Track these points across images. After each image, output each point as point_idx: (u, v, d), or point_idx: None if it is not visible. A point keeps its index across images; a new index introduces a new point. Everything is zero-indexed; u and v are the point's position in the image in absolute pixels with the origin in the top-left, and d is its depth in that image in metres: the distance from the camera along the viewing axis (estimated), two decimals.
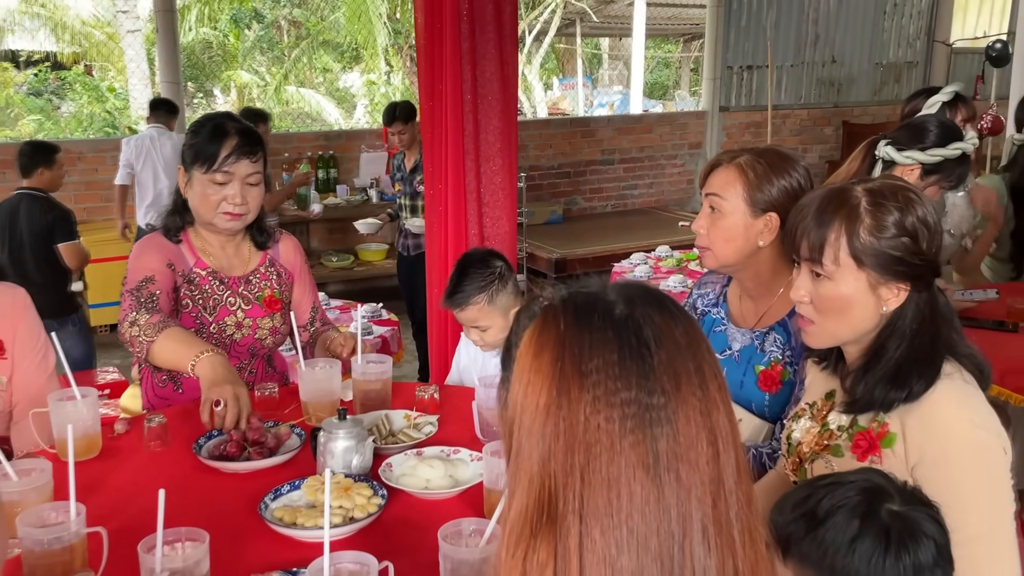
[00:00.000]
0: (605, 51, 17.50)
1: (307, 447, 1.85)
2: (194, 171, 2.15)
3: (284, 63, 14.21)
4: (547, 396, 0.78)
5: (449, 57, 3.04)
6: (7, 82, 13.55)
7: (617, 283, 0.86)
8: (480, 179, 3.17)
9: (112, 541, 1.44)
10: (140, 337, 2.03)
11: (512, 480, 0.81)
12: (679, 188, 8.94)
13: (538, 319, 0.83)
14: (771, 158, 1.83)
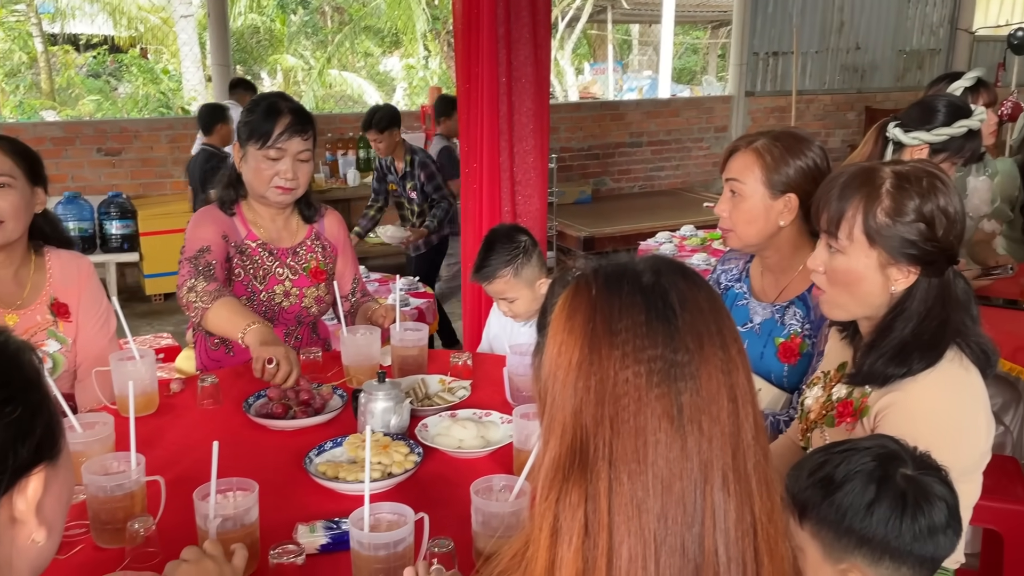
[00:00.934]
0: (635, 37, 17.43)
1: (348, 407, 1.96)
2: (249, 147, 2.26)
3: (327, 47, 14.37)
4: (579, 354, 0.84)
5: (486, 41, 3.12)
6: (69, 64, 13.85)
7: (644, 256, 0.92)
8: (513, 159, 3.25)
9: (169, 489, 1.55)
10: (197, 303, 2.14)
11: (546, 431, 0.87)
12: (704, 170, 8.97)
13: (571, 286, 0.90)
14: (787, 140, 1.88)
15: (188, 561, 1.21)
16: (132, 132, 6.99)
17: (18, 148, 2.01)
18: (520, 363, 2.01)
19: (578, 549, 0.81)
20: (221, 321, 2.13)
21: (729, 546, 0.81)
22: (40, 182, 2.05)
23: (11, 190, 1.95)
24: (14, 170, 1.96)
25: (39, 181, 2.04)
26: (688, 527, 0.81)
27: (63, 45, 13.95)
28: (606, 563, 0.80)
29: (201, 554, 1.22)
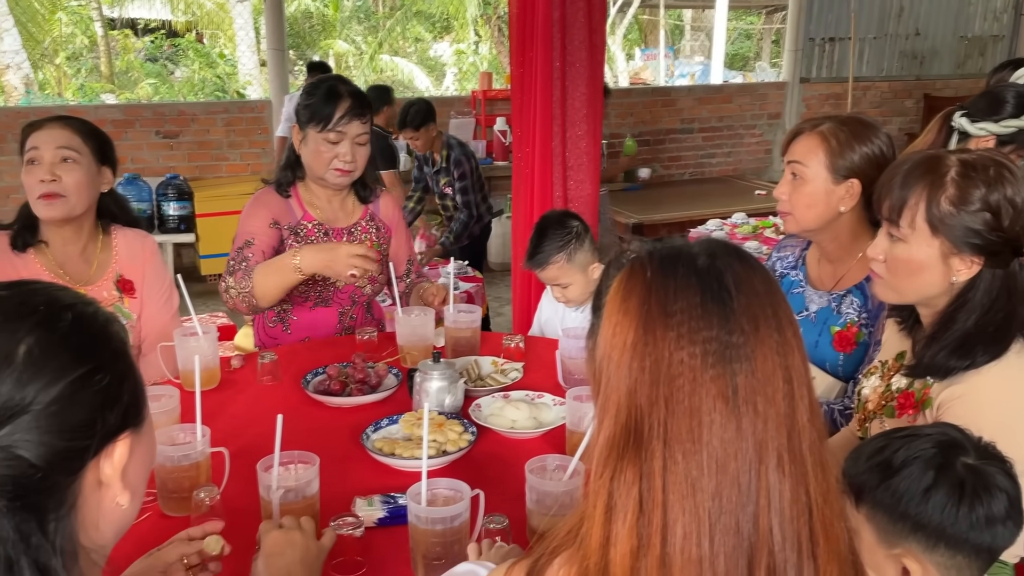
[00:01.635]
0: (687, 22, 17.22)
1: (403, 386, 2.00)
2: (309, 130, 2.30)
3: (379, 33, 14.45)
4: (634, 335, 0.84)
5: (540, 25, 3.12)
6: (128, 48, 14.17)
7: (698, 239, 0.92)
8: (566, 144, 3.25)
9: (231, 461, 1.60)
10: (241, 294, 2.23)
11: (600, 411, 0.88)
12: (757, 157, 8.86)
13: (625, 269, 0.90)
14: (853, 126, 1.86)
15: (280, 529, 1.26)
16: (189, 115, 7.14)
17: (88, 128, 2.08)
18: (572, 346, 2.02)
19: (632, 526, 0.82)
20: (271, 283, 2.21)
21: (784, 525, 0.82)
22: (108, 162, 2.11)
23: (76, 166, 2.01)
24: (81, 147, 2.03)
25: (107, 161, 2.11)
26: (743, 506, 0.81)
27: (123, 30, 14.25)
28: (660, 540, 0.81)
29: (296, 525, 1.27)
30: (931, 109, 8.68)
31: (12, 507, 0.75)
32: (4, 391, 0.76)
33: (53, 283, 0.89)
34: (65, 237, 2.09)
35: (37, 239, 2.08)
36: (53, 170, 1.98)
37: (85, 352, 0.82)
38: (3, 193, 6.94)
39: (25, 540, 0.75)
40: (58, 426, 0.78)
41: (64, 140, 2.01)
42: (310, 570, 1.24)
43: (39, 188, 1.99)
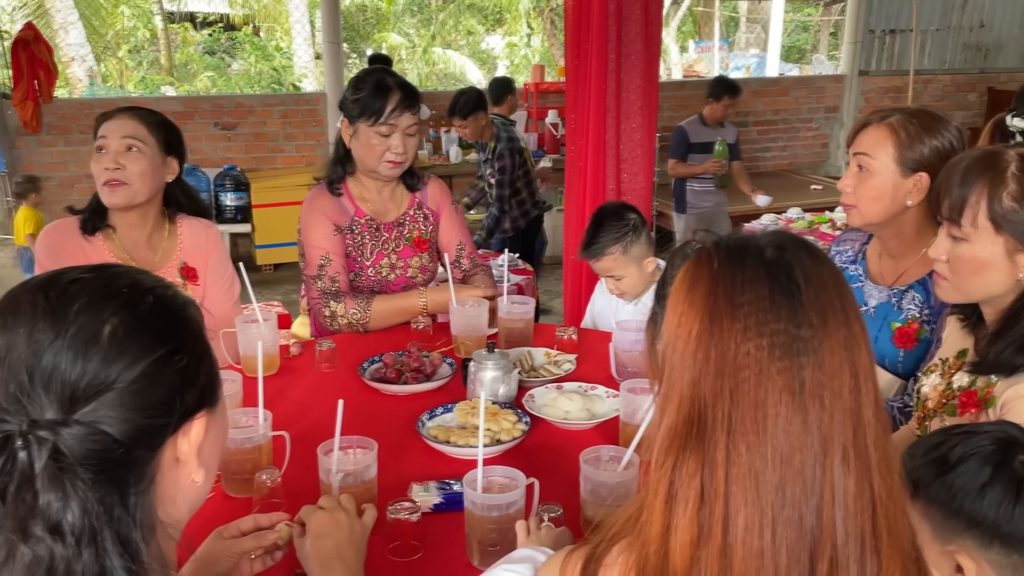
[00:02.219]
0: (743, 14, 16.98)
1: (458, 375, 2.03)
2: (360, 124, 2.33)
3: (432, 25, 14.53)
4: (700, 326, 0.85)
5: (595, 17, 3.12)
6: (188, 41, 14.47)
7: (766, 231, 0.92)
8: (620, 136, 3.25)
9: (291, 444, 1.64)
10: (352, 325, 2.35)
11: (663, 400, 0.88)
12: (813, 152, 8.72)
13: (692, 259, 0.90)
14: (923, 118, 1.81)
15: (324, 509, 1.28)
16: (247, 108, 7.27)
17: (156, 119, 2.14)
18: (626, 339, 2.03)
19: (693, 516, 0.82)
20: (390, 320, 2.38)
21: (847, 520, 0.82)
22: (174, 152, 2.17)
23: (140, 155, 2.07)
24: (147, 137, 2.09)
25: (173, 152, 2.16)
26: (806, 500, 0.81)
27: (182, 23, 14.55)
28: (721, 530, 0.81)
29: (336, 504, 1.29)
30: (995, 103, 8.46)
31: (97, 480, 0.78)
32: (90, 369, 0.80)
33: (134, 267, 0.92)
34: (131, 223, 2.16)
35: (105, 224, 2.14)
36: (117, 159, 2.05)
37: (165, 333, 0.86)
38: (68, 182, 7.15)
39: (108, 512, 0.78)
40: (140, 404, 0.82)
41: (130, 130, 2.07)
42: (356, 548, 1.26)
43: (104, 175, 2.06)
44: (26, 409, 0.78)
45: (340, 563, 1.22)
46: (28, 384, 0.79)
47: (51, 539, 0.75)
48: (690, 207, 5.36)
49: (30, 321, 0.81)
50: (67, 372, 0.79)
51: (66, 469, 0.77)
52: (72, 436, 0.78)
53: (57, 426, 0.78)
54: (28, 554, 0.75)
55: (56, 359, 0.79)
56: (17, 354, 0.80)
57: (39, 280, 0.86)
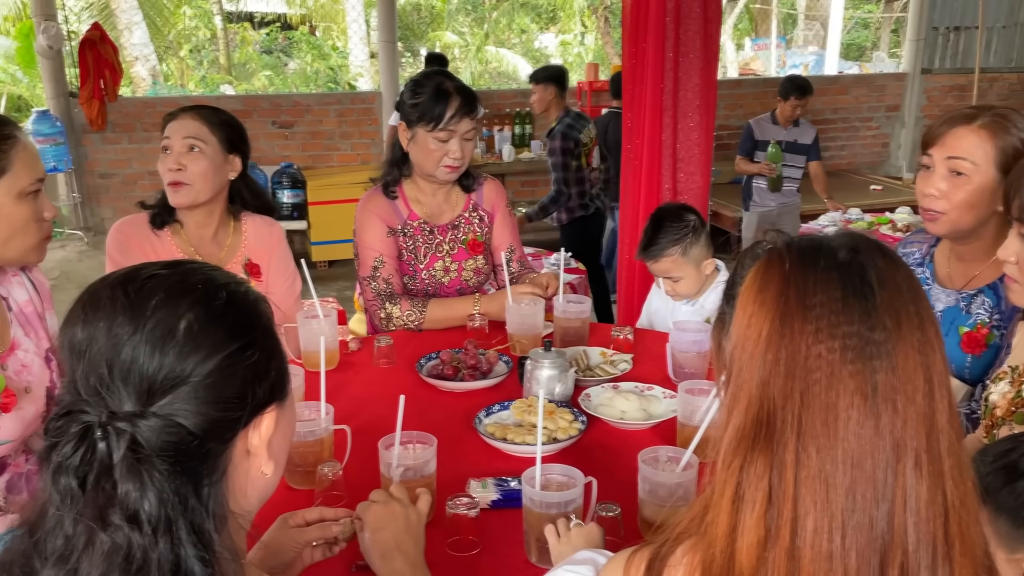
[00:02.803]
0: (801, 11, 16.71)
1: (514, 373, 2.03)
2: (418, 128, 2.35)
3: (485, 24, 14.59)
4: (770, 327, 0.84)
5: (653, 15, 3.10)
6: (247, 41, 14.76)
7: (839, 232, 0.91)
8: (676, 135, 3.22)
9: (352, 438, 1.67)
10: (407, 325, 2.38)
11: (730, 401, 0.88)
12: (873, 151, 8.55)
13: (762, 259, 0.89)
14: (1015, 118, 1.72)
15: (377, 502, 1.30)
16: (304, 106, 7.39)
17: (219, 118, 2.18)
18: (683, 340, 2.01)
19: (760, 517, 0.82)
20: (444, 323, 2.40)
21: (919, 526, 0.81)
22: (237, 151, 2.20)
23: (201, 155, 2.11)
24: (208, 137, 2.13)
25: (235, 150, 2.20)
26: (877, 505, 0.80)
27: (241, 23, 14.83)
28: (790, 532, 0.81)
29: (389, 497, 1.31)
30: None
31: (173, 471, 0.80)
32: (167, 363, 0.82)
33: (207, 263, 0.95)
34: (197, 220, 2.21)
35: (173, 219, 2.20)
36: (179, 159, 2.10)
37: (238, 329, 0.88)
38: (131, 179, 7.34)
39: (183, 502, 0.81)
40: (214, 397, 0.84)
41: (192, 130, 2.11)
42: (414, 537, 1.28)
43: (167, 176, 2.11)
44: (105, 401, 0.81)
45: (399, 554, 1.24)
46: (107, 377, 0.81)
47: (129, 528, 0.78)
48: (753, 205, 5.30)
49: (110, 316, 0.84)
50: (145, 366, 0.81)
51: (143, 460, 0.79)
52: (149, 428, 0.80)
53: (135, 418, 0.80)
54: (107, 542, 0.78)
55: (134, 353, 0.82)
56: (97, 347, 0.82)
57: (118, 276, 0.88)
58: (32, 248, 1.52)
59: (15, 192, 1.45)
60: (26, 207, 1.47)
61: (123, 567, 0.78)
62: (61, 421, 0.81)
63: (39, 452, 0.83)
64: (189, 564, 0.80)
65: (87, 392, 0.82)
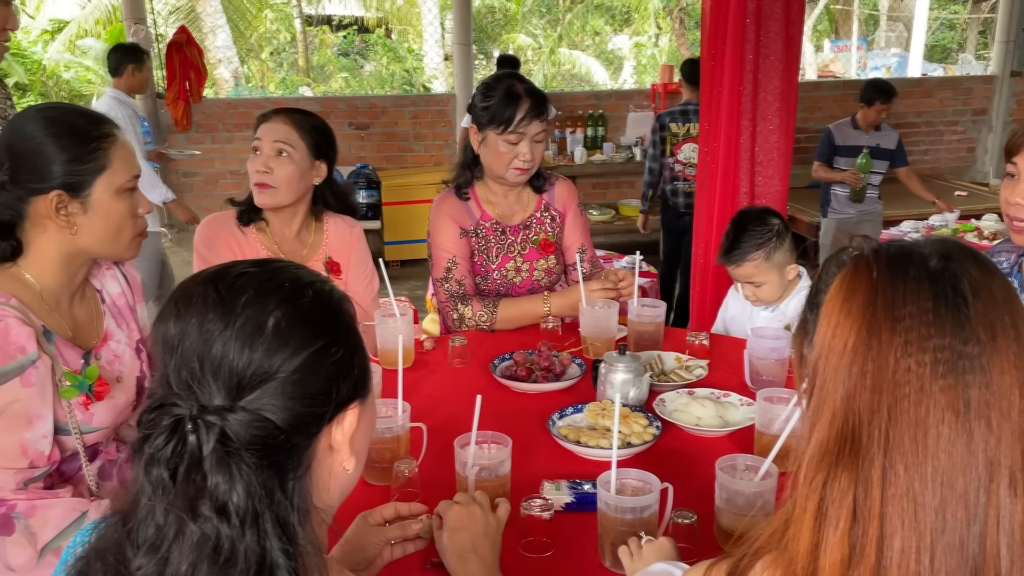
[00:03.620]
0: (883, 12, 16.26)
1: (587, 376, 2.03)
2: (489, 131, 2.37)
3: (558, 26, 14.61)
4: (856, 338, 0.81)
5: (733, 17, 3.06)
6: (325, 44, 15.08)
7: (931, 239, 0.87)
8: (755, 138, 3.17)
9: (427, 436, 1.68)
10: (479, 326, 2.40)
11: (814, 413, 0.85)
12: (958, 156, 8.27)
13: (849, 266, 0.87)
14: None
15: (459, 504, 1.31)
16: (379, 108, 7.50)
17: (309, 123, 2.22)
18: (761, 346, 1.98)
19: (845, 534, 0.79)
20: (515, 322, 2.42)
21: (1013, 548, 0.77)
22: (323, 156, 2.24)
23: (289, 160, 2.16)
24: (297, 142, 2.17)
25: (322, 156, 2.24)
26: (968, 525, 0.77)
27: (320, 26, 15.14)
28: (875, 551, 0.78)
29: (471, 500, 1.32)
30: None
31: (260, 465, 0.82)
32: (256, 359, 0.84)
33: (293, 262, 0.97)
34: (282, 220, 2.26)
35: (259, 217, 2.25)
36: (268, 162, 2.15)
37: (324, 326, 0.89)
38: (213, 178, 7.56)
39: (269, 496, 0.83)
40: (300, 393, 0.86)
41: (282, 135, 2.16)
42: (492, 542, 1.28)
43: (255, 176, 2.16)
44: (196, 395, 0.83)
45: (475, 556, 1.24)
46: (199, 371, 0.83)
47: (218, 519, 0.80)
48: (831, 212, 5.14)
49: (201, 312, 0.86)
50: (234, 361, 0.83)
51: (232, 453, 0.81)
52: (238, 422, 0.82)
53: (224, 412, 0.82)
54: (196, 532, 0.80)
55: (225, 348, 0.84)
56: (189, 343, 0.85)
57: (209, 273, 0.91)
58: (128, 243, 1.57)
59: (113, 188, 1.50)
60: (123, 203, 1.53)
61: (211, 558, 0.80)
62: (154, 414, 0.84)
63: (132, 443, 0.86)
64: (274, 556, 0.82)
65: (179, 386, 0.84)
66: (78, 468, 1.53)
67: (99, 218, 1.50)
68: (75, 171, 1.46)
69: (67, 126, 1.48)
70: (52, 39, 12.45)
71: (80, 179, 1.47)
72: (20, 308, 1.43)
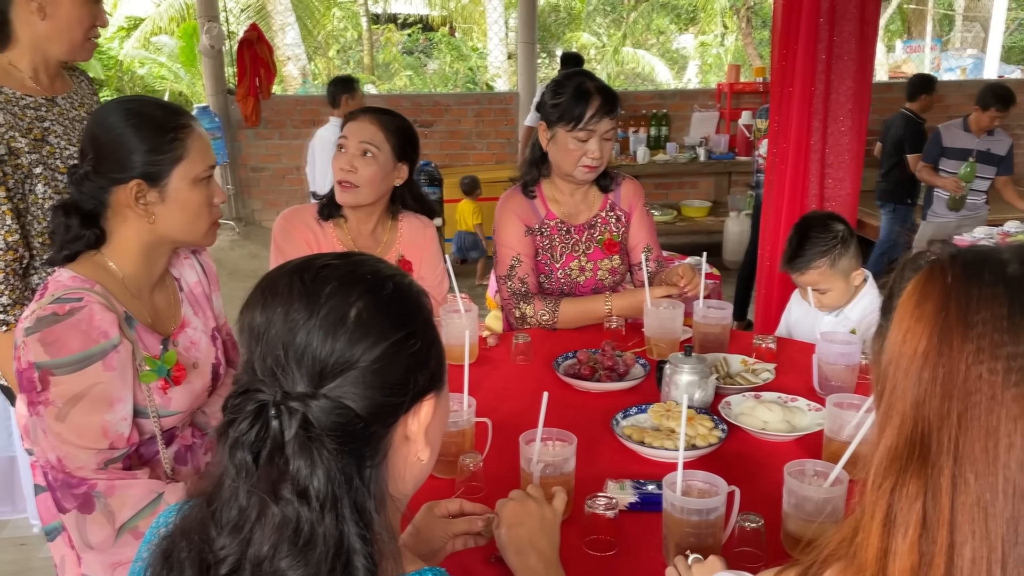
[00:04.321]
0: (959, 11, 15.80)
1: (651, 377, 2.02)
2: (558, 128, 2.37)
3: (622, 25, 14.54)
4: (927, 343, 0.80)
5: (807, 14, 3.01)
6: (391, 42, 15.28)
7: (1011, 244, 0.86)
8: (826, 140, 3.11)
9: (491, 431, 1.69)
10: (541, 324, 2.42)
11: (882, 419, 0.84)
12: None
13: (924, 271, 0.85)
14: None
15: (514, 500, 1.32)
16: (443, 106, 7.56)
17: (396, 125, 2.25)
18: (831, 351, 1.94)
19: (914, 543, 0.78)
20: (577, 321, 2.43)
21: None
22: (406, 159, 2.27)
23: (373, 160, 2.19)
24: (382, 144, 2.20)
25: (405, 158, 2.27)
26: None
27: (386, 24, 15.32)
28: (945, 561, 0.77)
29: (525, 495, 1.33)
30: None
31: (340, 451, 0.84)
32: (338, 348, 0.86)
33: (374, 256, 0.99)
34: (359, 217, 2.30)
35: (339, 213, 2.30)
36: (352, 161, 2.18)
37: (403, 318, 0.91)
38: (280, 174, 7.71)
39: (348, 482, 0.84)
40: (379, 382, 0.87)
41: (368, 135, 2.19)
42: (549, 535, 1.28)
43: (339, 175, 2.20)
44: (280, 382, 0.85)
45: (534, 551, 1.25)
46: (283, 359, 0.86)
47: (299, 502, 0.82)
48: (931, 215, 4.99)
49: (287, 301, 0.88)
50: (318, 350, 0.86)
51: (314, 439, 0.83)
52: (320, 408, 0.84)
53: (307, 399, 0.84)
54: (278, 514, 0.82)
55: (308, 337, 0.86)
56: (275, 331, 0.87)
57: (294, 264, 0.93)
58: (204, 232, 1.62)
59: (190, 178, 1.55)
60: (200, 192, 1.57)
61: (292, 540, 0.82)
62: (239, 399, 0.86)
63: (216, 427, 0.88)
64: (351, 541, 0.83)
65: (263, 373, 0.87)
66: (155, 451, 1.58)
67: (176, 207, 1.55)
68: (154, 161, 1.51)
69: (147, 118, 1.52)
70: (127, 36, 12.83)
71: (158, 169, 1.51)
72: (104, 294, 1.48)
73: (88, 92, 2.16)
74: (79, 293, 1.45)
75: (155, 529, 0.99)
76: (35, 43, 1.96)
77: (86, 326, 1.42)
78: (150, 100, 1.61)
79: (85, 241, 1.53)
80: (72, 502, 1.44)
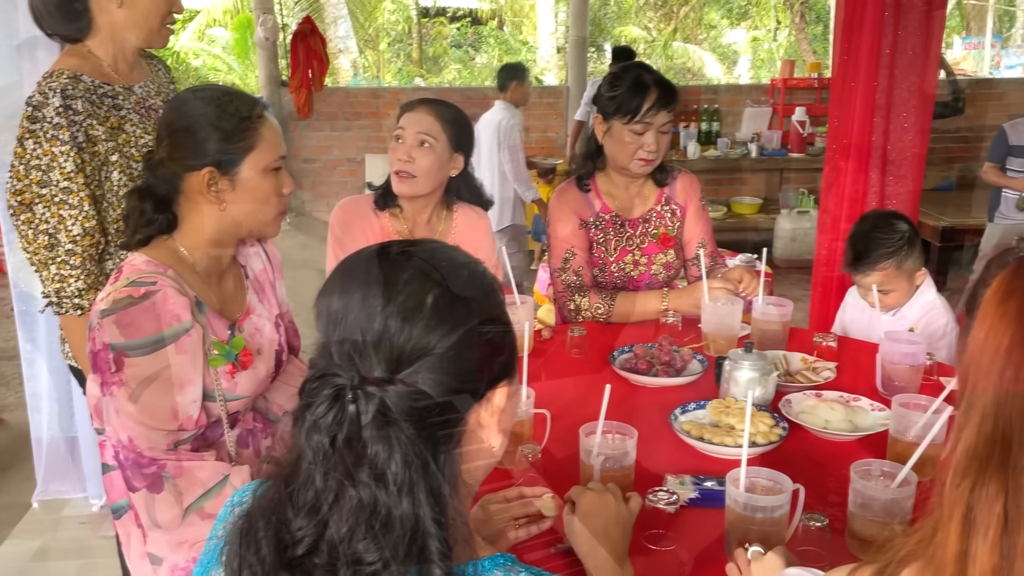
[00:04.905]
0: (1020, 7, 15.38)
1: (709, 372, 2.00)
2: (614, 121, 2.36)
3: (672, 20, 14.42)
4: (1010, 341, 0.79)
5: (870, 9, 2.95)
6: (441, 35, 15.33)
7: None
8: (888, 136, 3.05)
9: None
10: (595, 318, 2.41)
11: (962, 417, 0.83)
12: None
13: (1010, 268, 0.84)
14: None
15: (593, 490, 1.32)
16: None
17: (451, 116, 2.25)
18: (895, 351, 1.91)
19: (995, 544, 0.77)
20: (631, 316, 2.41)
21: None
22: (461, 149, 2.28)
23: (430, 151, 2.20)
24: (439, 134, 2.21)
25: (460, 148, 2.28)
26: None
27: (436, 18, 15.38)
28: None
29: (604, 489, 1.33)
30: None
31: (416, 436, 0.85)
32: (415, 335, 0.87)
33: (449, 244, 0.99)
34: (416, 207, 2.32)
35: (395, 203, 2.31)
36: (410, 151, 2.20)
37: (478, 306, 0.92)
38: (331, 165, 7.78)
39: (424, 466, 0.85)
40: (454, 369, 0.88)
41: (425, 126, 2.21)
42: (623, 530, 1.29)
43: (396, 165, 2.22)
44: (357, 367, 0.86)
45: (607, 541, 1.25)
46: (360, 344, 0.87)
47: (376, 486, 0.83)
48: (999, 216, 4.80)
49: (364, 287, 0.89)
50: (395, 336, 0.86)
51: (391, 423, 0.84)
52: (396, 394, 0.85)
53: (384, 384, 0.85)
54: (355, 497, 0.83)
55: (386, 323, 0.87)
56: (353, 317, 0.88)
57: (371, 251, 0.94)
58: (271, 221, 1.64)
59: (261, 167, 1.57)
60: (269, 182, 1.59)
61: (369, 522, 0.83)
62: (316, 383, 0.87)
63: (294, 410, 0.89)
64: (426, 525, 0.84)
65: (340, 357, 0.88)
66: (220, 434, 1.61)
67: (246, 195, 1.57)
68: (226, 149, 1.53)
69: (221, 106, 1.55)
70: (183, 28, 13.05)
71: (230, 157, 1.54)
72: (176, 278, 1.51)
73: (165, 81, 2.20)
74: (153, 277, 1.48)
75: (230, 508, 1.01)
76: (113, 31, 2.00)
77: (160, 309, 1.45)
78: (224, 89, 1.64)
79: (158, 225, 1.56)
80: (142, 481, 1.47)
